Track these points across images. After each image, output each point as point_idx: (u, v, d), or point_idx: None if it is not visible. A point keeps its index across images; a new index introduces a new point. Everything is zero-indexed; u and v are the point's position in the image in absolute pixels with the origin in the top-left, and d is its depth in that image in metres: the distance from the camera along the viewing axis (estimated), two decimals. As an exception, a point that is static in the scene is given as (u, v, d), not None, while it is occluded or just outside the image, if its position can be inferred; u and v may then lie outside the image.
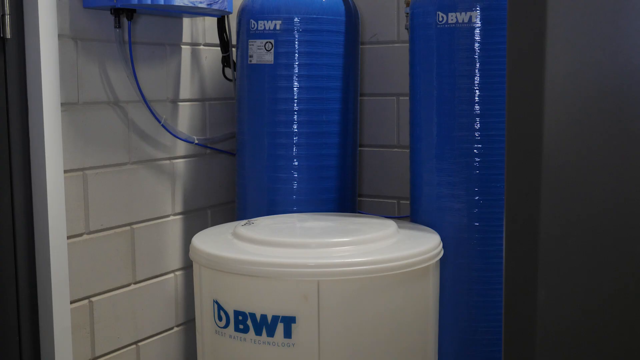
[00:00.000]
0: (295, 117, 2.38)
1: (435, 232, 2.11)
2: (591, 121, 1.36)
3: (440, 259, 2.04)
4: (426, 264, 1.94)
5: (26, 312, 2.09)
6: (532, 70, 1.41)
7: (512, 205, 1.44)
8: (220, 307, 1.91)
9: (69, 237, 2.15)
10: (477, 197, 2.12)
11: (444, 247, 2.07)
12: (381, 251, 1.93)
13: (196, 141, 2.56)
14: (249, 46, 2.41)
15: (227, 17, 2.60)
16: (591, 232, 1.35)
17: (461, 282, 2.16)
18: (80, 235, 2.21)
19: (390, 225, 2.09)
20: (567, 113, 1.38)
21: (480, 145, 2.11)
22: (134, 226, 2.38)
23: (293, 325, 1.83)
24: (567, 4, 1.36)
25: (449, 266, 2.14)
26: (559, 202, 1.38)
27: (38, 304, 2.10)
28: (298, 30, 2.35)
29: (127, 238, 2.36)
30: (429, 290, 2.00)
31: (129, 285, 2.37)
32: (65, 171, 2.13)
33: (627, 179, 1.33)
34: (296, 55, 2.36)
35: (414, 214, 2.31)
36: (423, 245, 1.97)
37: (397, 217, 2.68)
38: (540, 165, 1.39)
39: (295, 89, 2.37)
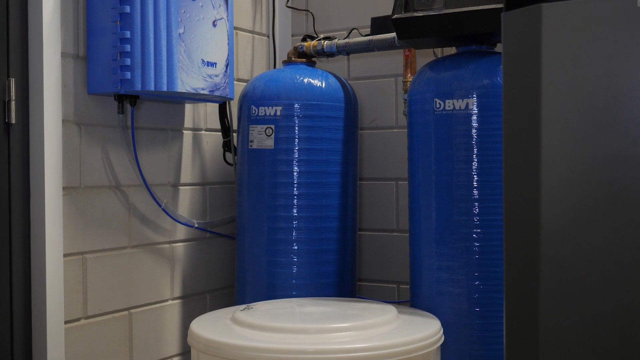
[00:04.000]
0: (295, 201, 2.39)
1: (436, 318, 2.09)
2: (588, 209, 1.37)
3: (441, 345, 2.02)
4: (427, 350, 1.92)
5: (20, 399, 2.05)
6: (528, 157, 1.43)
7: (512, 290, 1.43)
8: (217, 394, 1.88)
9: (66, 322, 2.13)
10: (477, 282, 2.11)
11: (444, 332, 2.05)
12: (381, 337, 1.91)
13: (196, 225, 2.57)
14: (250, 131, 2.44)
15: (229, 103, 2.65)
16: (591, 314, 1.35)
17: (462, 368, 2.13)
18: (78, 319, 2.19)
19: (390, 311, 2.07)
20: (563, 199, 1.39)
21: (479, 230, 2.11)
22: (132, 311, 2.36)
23: (292, 413, 1.80)
24: (560, 92, 1.39)
25: (449, 352, 2.11)
26: (558, 286, 1.38)
27: (33, 391, 2.07)
28: (298, 116, 2.39)
29: (125, 323, 2.33)
30: (430, 377, 1.97)
31: (125, 371, 2.34)
32: (64, 255, 2.13)
33: (627, 260, 1.33)
34: (296, 140, 2.39)
35: (414, 299, 2.30)
36: (423, 331, 1.95)
37: (397, 302, 2.66)
38: (539, 251, 1.40)
39: (295, 173, 2.39)
